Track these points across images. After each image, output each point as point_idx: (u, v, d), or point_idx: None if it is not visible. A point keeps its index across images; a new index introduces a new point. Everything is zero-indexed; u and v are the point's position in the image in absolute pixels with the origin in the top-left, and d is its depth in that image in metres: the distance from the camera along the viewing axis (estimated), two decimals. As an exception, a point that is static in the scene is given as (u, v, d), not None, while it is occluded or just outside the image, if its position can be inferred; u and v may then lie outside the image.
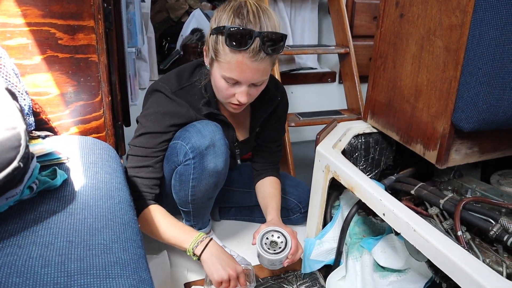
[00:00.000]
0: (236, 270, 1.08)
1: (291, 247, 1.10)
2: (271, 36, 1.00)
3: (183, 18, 2.39)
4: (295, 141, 2.42)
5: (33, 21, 0.97)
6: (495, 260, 0.87)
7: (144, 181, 1.16)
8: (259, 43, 0.99)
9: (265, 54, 1.01)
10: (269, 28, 1.01)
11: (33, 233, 0.65)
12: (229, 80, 1.06)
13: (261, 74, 1.05)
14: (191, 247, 1.09)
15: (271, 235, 1.13)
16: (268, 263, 1.12)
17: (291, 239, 1.12)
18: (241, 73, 1.03)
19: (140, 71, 2.02)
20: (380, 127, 1.25)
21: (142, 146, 1.15)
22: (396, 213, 0.88)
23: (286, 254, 1.10)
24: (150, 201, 1.16)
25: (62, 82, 1.05)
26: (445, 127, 0.99)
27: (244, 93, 1.08)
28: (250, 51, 0.99)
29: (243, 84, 1.06)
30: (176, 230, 1.13)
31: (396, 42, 1.13)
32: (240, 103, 1.10)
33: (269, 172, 1.40)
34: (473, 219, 0.93)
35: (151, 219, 1.13)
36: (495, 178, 1.17)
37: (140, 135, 1.16)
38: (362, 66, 2.21)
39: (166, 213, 1.16)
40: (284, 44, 1.04)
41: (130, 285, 0.59)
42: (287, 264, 1.12)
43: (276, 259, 1.10)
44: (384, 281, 1.06)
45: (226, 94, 1.10)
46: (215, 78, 1.10)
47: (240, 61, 1.01)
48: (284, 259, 1.11)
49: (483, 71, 0.89)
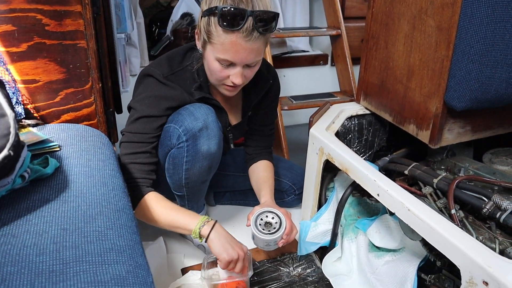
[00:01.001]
0: (244, 251, 1.07)
1: (286, 227, 1.10)
2: (263, 15, 0.99)
3: (172, 2, 2.35)
4: (288, 124, 2.42)
5: (19, 7, 0.95)
6: (488, 237, 0.88)
7: (143, 166, 1.14)
8: (252, 22, 0.98)
9: (258, 34, 1.00)
10: (261, 7, 1.00)
11: (26, 222, 0.65)
12: (223, 61, 1.05)
13: (255, 54, 1.05)
14: (197, 228, 1.07)
15: (266, 216, 1.13)
16: (263, 244, 1.12)
17: (285, 219, 1.11)
18: (235, 53, 1.02)
19: (131, 58, 1.99)
20: (373, 109, 1.25)
21: (138, 132, 1.13)
22: (391, 193, 0.89)
23: (280, 234, 1.10)
24: (148, 188, 1.14)
25: (50, 69, 1.03)
26: (437, 107, 0.99)
27: (239, 74, 1.07)
28: (244, 31, 0.99)
29: (237, 65, 1.06)
30: (179, 214, 1.11)
31: (388, 22, 1.12)
32: (235, 84, 1.09)
33: (262, 156, 1.39)
34: (466, 197, 0.94)
35: (151, 205, 1.11)
36: (487, 157, 1.18)
37: (135, 120, 1.13)
38: (354, 48, 2.20)
39: (165, 198, 1.15)
40: (276, 23, 1.04)
41: (127, 270, 0.59)
42: (281, 244, 1.12)
43: (270, 239, 1.09)
44: (379, 261, 1.08)
45: (220, 77, 1.09)
46: (208, 61, 1.09)
47: (234, 41, 1.00)
48: (279, 239, 1.11)
49: (475, 50, 0.89)
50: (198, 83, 1.18)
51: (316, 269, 1.29)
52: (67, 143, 0.93)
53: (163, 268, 1.28)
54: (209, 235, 1.06)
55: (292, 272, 1.28)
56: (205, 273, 1.13)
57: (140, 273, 0.60)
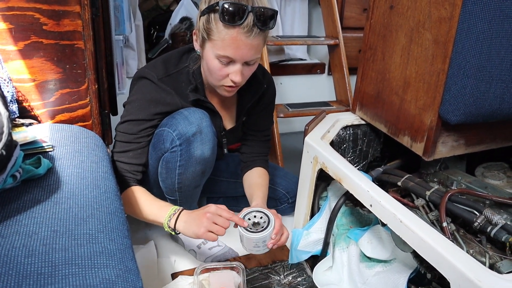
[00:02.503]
0: (210, 212, 1.05)
1: (274, 226, 1.05)
2: (263, 11, 1.01)
3: (171, 6, 2.35)
4: (283, 132, 2.42)
5: (17, 5, 0.95)
6: (478, 250, 0.88)
7: (126, 166, 1.16)
8: (252, 18, 1.00)
9: (259, 30, 1.02)
10: (260, 4, 1.02)
11: (16, 223, 0.64)
12: (223, 59, 1.05)
13: (255, 51, 1.06)
14: (166, 222, 1.09)
15: (254, 215, 1.08)
16: (251, 245, 1.06)
17: (274, 219, 1.07)
18: (236, 50, 1.03)
19: (128, 60, 1.99)
20: (368, 119, 1.25)
21: (125, 132, 1.15)
22: (383, 204, 0.89)
23: (269, 232, 1.04)
24: (131, 184, 1.16)
25: (47, 69, 1.02)
26: (432, 120, 1.00)
27: (238, 72, 1.07)
28: (244, 27, 1.00)
29: (237, 62, 1.06)
30: (153, 207, 1.13)
31: (385, 34, 1.13)
32: (235, 83, 1.10)
33: (257, 163, 1.39)
34: (458, 210, 0.94)
35: (132, 198, 1.14)
36: (479, 171, 1.19)
37: (124, 122, 1.16)
38: (352, 58, 2.21)
39: (146, 192, 1.17)
40: (275, 21, 1.05)
41: (116, 275, 0.58)
42: (271, 245, 1.05)
43: (258, 238, 1.04)
44: (370, 272, 1.08)
45: (219, 75, 1.09)
46: (207, 60, 1.09)
47: (235, 37, 1.01)
48: (268, 238, 1.05)
49: (471, 64, 0.90)
50: (194, 84, 1.18)
51: (307, 277, 1.29)
52: (60, 143, 0.92)
53: (153, 272, 1.27)
54: (175, 226, 1.08)
55: (283, 280, 1.28)
56: (197, 279, 1.13)
57: (129, 277, 0.59)
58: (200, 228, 1.04)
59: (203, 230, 1.04)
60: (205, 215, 1.05)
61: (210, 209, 1.06)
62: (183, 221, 1.08)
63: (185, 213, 1.10)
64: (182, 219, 1.08)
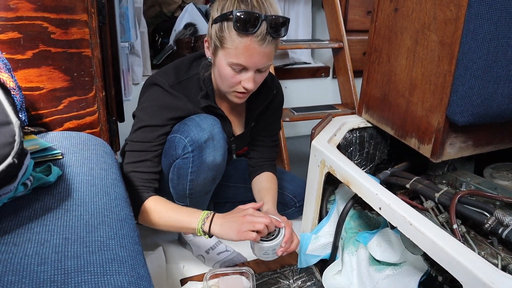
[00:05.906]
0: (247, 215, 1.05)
1: (284, 234, 1.08)
2: (276, 20, 1.02)
3: (176, 12, 2.37)
4: (289, 136, 2.42)
5: (25, 15, 0.96)
6: (490, 252, 0.88)
7: (144, 175, 1.14)
8: (266, 26, 1.00)
9: (272, 38, 1.03)
10: (273, 12, 1.03)
11: (28, 231, 0.65)
12: (236, 66, 1.06)
13: (268, 58, 1.06)
14: (199, 226, 1.07)
15: None
16: (261, 252, 1.09)
17: (285, 227, 1.09)
18: (249, 57, 1.04)
19: (133, 66, 2.00)
20: (375, 122, 1.25)
21: (140, 140, 1.14)
22: (393, 207, 0.89)
23: (279, 241, 1.07)
24: (149, 194, 1.14)
25: (55, 77, 1.03)
26: (439, 121, 0.99)
27: (251, 79, 1.08)
28: (258, 35, 1.00)
29: (249, 69, 1.07)
30: (181, 214, 1.11)
31: (390, 36, 1.13)
32: (247, 90, 1.10)
33: (265, 168, 1.39)
34: (468, 212, 0.94)
35: (154, 209, 1.11)
36: (488, 172, 1.18)
37: (137, 129, 1.15)
38: (356, 60, 2.21)
39: (167, 200, 1.15)
40: (287, 27, 1.06)
41: (129, 282, 0.58)
42: (280, 253, 1.09)
43: (268, 247, 1.06)
44: (380, 275, 1.07)
45: (231, 83, 1.10)
46: (220, 67, 1.09)
47: (248, 45, 1.02)
48: (277, 247, 1.08)
49: (478, 65, 0.90)
50: (205, 91, 1.18)
51: (316, 282, 1.28)
52: (69, 151, 0.93)
53: (162, 278, 1.27)
54: (209, 231, 1.07)
55: (292, 285, 1.27)
56: (206, 285, 1.13)
57: (142, 284, 0.59)
58: (234, 232, 1.04)
59: (236, 235, 1.03)
60: (243, 219, 1.05)
61: (248, 211, 1.07)
62: (219, 224, 1.07)
63: (219, 216, 1.09)
64: (217, 222, 1.07)
